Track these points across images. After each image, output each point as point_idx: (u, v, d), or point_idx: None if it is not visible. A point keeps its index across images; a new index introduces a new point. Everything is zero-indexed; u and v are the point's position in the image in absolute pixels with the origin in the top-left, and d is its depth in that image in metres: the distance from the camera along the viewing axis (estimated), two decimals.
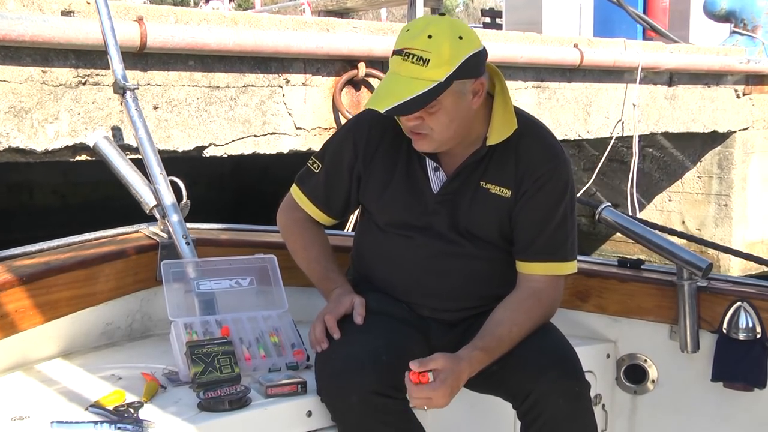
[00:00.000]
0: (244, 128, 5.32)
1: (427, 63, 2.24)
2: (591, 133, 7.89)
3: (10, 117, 4.30)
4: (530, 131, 2.50)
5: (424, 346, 2.50)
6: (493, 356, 2.35)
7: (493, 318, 2.42)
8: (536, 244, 2.46)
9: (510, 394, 2.41)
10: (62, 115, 4.47)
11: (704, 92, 8.80)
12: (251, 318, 2.69)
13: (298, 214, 2.69)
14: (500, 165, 2.46)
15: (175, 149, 5.01)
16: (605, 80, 7.87)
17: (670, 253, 2.78)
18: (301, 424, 2.38)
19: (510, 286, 2.50)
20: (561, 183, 2.47)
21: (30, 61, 4.35)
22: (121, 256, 2.81)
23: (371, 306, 2.52)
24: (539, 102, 7.28)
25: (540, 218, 2.46)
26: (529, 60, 6.98)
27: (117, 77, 2.99)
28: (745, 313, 2.71)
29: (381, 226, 2.57)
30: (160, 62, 4.86)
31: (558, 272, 2.50)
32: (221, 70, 5.16)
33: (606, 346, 2.94)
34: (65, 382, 2.46)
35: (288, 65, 5.50)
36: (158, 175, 2.90)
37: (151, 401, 2.30)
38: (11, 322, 2.45)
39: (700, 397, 2.84)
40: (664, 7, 11.39)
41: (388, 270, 2.57)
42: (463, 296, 2.53)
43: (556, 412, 2.30)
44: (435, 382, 2.20)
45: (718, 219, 9.29)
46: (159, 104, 4.88)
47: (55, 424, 2.13)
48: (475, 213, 2.47)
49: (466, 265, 2.50)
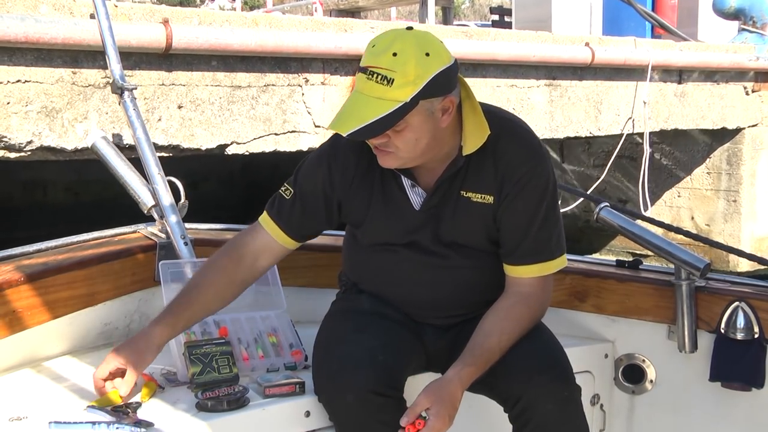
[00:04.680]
0: (265, 126, 5.42)
1: (392, 83, 2.15)
2: (602, 130, 7.91)
3: (42, 117, 4.43)
4: (505, 132, 2.41)
5: (419, 347, 2.50)
6: (483, 368, 2.32)
7: (481, 328, 2.38)
8: (522, 248, 2.41)
9: (501, 398, 2.40)
10: (91, 114, 4.59)
11: (713, 89, 8.80)
12: (249, 318, 2.70)
13: (251, 237, 2.53)
14: (479, 172, 2.39)
15: (199, 147, 5.12)
16: (616, 78, 7.89)
17: (667, 253, 2.77)
18: (299, 424, 2.38)
19: (501, 289, 2.47)
20: (542, 181, 2.40)
21: (61, 63, 4.47)
22: (119, 256, 2.81)
23: (365, 307, 2.52)
24: (551, 100, 7.31)
25: (524, 222, 2.40)
26: (541, 59, 7.04)
27: (115, 77, 3.00)
28: (743, 313, 2.70)
29: (367, 243, 2.53)
30: (184, 63, 4.97)
31: (546, 272, 2.45)
32: (243, 70, 5.27)
33: (604, 346, 2.93)
34: (63, 382, 2.47)
35: (307, 65, 5.60)
36: (156, 175, 2.91)
37: (150, 401, 2.31)
38: (10, 323, 2.46)
39: (698, 397, 2.83)
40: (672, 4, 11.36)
41: (377, 283, 2.54)
42: (455, 305, 2.51)
43: (546, 416, 2.29)
44: (430, 420, 2.19)
45: (727, 215, 9.28)
46: (183, 104, 4.99)
47: (53, 424, 2.13)
48: (459, 224, 2.42)
49: (455, 275, 2.46)
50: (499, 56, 6.73)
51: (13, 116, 4.33)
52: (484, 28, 8.63)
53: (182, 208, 2.91)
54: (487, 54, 6.62)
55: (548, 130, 7.28)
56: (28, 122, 4.38)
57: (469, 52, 6.44)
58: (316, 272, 2.99)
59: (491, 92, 6.79)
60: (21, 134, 4.38)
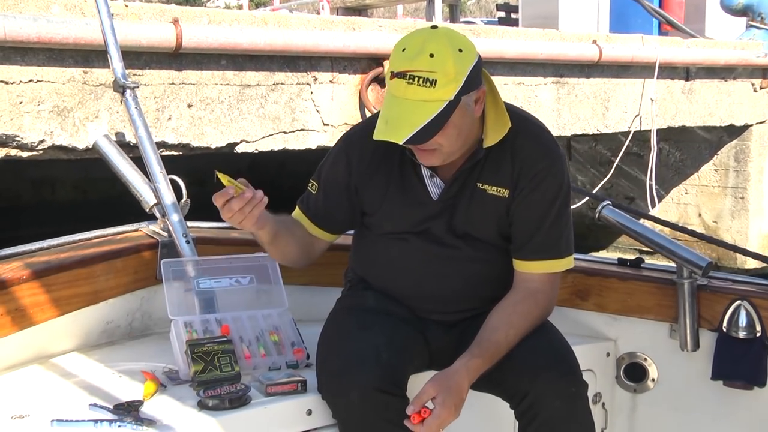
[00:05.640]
0: (274, 125, 5.44)
1: (435, 84, 2.17)
2: (609, 127, 7.92)
3: (54, 116, 4.47)
4: (524, 129, 2.46)
5: (423, 345, 2.51)
6: (491, 361, 2.34)
7: (489, 323, 2.40)
8: (532, 243, 2.44)
9: (507, 395, 2.40)
10: (102, 113, 4.62)
11: (721, 86, 8.78)
12: (251, 316, 2.70)
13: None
14: (496, 165, 2.43)
15: (209, 146, 5.16)
16: (623, 75, 7.90)
17: (669, 252, 2.77)
18: (301, 422, 2.38)
19: (508, 287, 2.48)
20: (557, 180, 2.44)
21: (72, 63, 4.51)
22: (121, 254, 2.82)
23: (370, 304, 2.53)
24: (558, 97, 7.31)
25: (536, 217, 2.43)
26: (548, 56, 7.05)
27: (117, 75, 2.99)
28: (744, 311, 2.69)
29: (379, 233, 2.55)
30: (194, 62, 5.00)
31: (554, 269, 2.48)
32: (252, 68, 5.29)
33: (606, 344, 2.93)
34: (66, 380, 2.48)
35: (316, 63, 5.62)
36: (158, 173, 2.90)
37: (151, 400, 2.31)
38: (12, 321, 2.47)
39: (699, 396, 2.83)
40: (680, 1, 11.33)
41: (386, 274, 2.56)
42: (462, 299, 2.52)
43: (553, 413, 2.29)
44: (435, 409, 2.20)
45: (735, 211, 9.26)
46: (193, 102, 5.02)
47: (55, 422, 2.14)
48: (473, 215, 2.45)
49: (465, 268, 2.48)
50: (507, 54, 6.73)
51: (26, 116, 4.38)
52: (491, 26, 8.62)
53: (184, 207, 2.90)
54: (495, 52, 6.61)
55: (555, 127, 7.27)
56: (40, 121, 4.43)
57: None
58: (318, 271, 2.98)
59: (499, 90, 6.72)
60: (33, 133, 4.43)
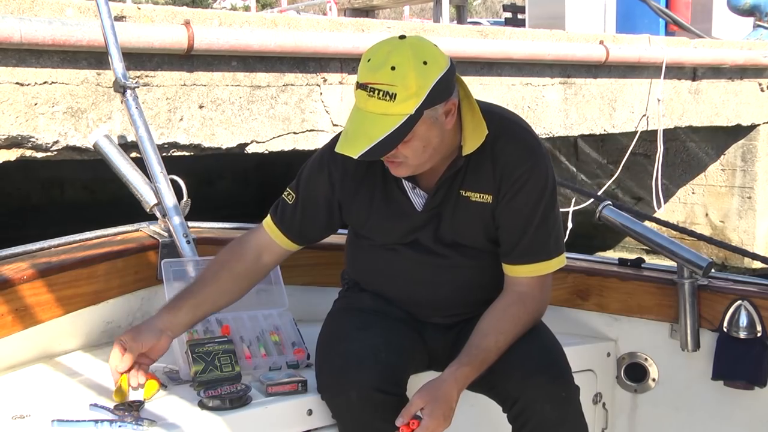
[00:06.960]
0: (284, 126, 5.50)
1: (394, 98, 2.11)
2: (616, 127, 7.93)
3: (68, 117, 4.54)
4: (504, 132, 2.39)
5: (421, 346, 2.51)
6: (481, 368, 2.32)
7: (478, 328, 2.37)
8: (520, 247, 2.40)
9: (500, 398, 2.39)
10: (115, 114, 4.68)
11: (728, 86, 8.77)
12: (252, 316, 2.71)
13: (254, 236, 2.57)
14: (477, 171, 2.38)
15: (219, 146, 5.21)
16: (630, 76, 7.91)
17: (670, 252, 2.76)
18: (301, 422, 2.38)
19: (502, 289, 2.46)
20: (540, 182, 2.38)
21: (86, 64, 4.59)
22: (121, 254, 2.82)
23: (368, 305, 2.53)
24: (565, 98, 7.31)
25: (521, 221, 2.38)
26: (555, 57, 7.07)
27: (117, 76, 3.00)
28: (745, 311, 2.69)
29: (367, 245, 2.54)
30: (205, 63, 5.06)
31: (543, 272, 2.43)
32: (262, 70, 5.36)
33: (606, 344, 2.92)
34: (66, 380, 2.48)
35: (325, 65, 5.67)
36: (159, 173, 2.91)
37: (152, 400, 2.31)
38: (13, 321, 2.47)
39: (700, 396, 2.82)
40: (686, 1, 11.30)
41: (379, 282, 2.55)
42: (456, 304, 2.51)
43: (544, 418, 2.28)
44: (424, 420, 2.18)
45: (742, 211, 9.23)
46: (204, 103, 5.08)
47: (55, 422, 2.15)
48: (459, 223, 2.42)
49: (455, 275, 2.46)
50: (514, 55, 6.75)
51: (41, 117, 4.44)
52: (498, 27, 8.62)
53: (185, 207, 2.91)
54: (502, 53, 6.64)
55: (563, 128, 7.28)
56: (54, 122, 4.48)
57: (484, 51, 6.47)
58: (319, 271, 3.00)
59: (506, 91, 6.80)
60: (48, 134, 4.49)
